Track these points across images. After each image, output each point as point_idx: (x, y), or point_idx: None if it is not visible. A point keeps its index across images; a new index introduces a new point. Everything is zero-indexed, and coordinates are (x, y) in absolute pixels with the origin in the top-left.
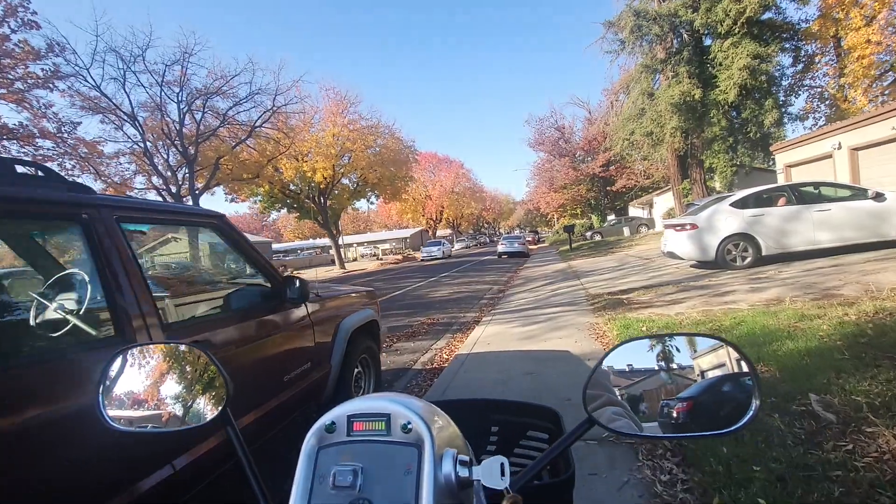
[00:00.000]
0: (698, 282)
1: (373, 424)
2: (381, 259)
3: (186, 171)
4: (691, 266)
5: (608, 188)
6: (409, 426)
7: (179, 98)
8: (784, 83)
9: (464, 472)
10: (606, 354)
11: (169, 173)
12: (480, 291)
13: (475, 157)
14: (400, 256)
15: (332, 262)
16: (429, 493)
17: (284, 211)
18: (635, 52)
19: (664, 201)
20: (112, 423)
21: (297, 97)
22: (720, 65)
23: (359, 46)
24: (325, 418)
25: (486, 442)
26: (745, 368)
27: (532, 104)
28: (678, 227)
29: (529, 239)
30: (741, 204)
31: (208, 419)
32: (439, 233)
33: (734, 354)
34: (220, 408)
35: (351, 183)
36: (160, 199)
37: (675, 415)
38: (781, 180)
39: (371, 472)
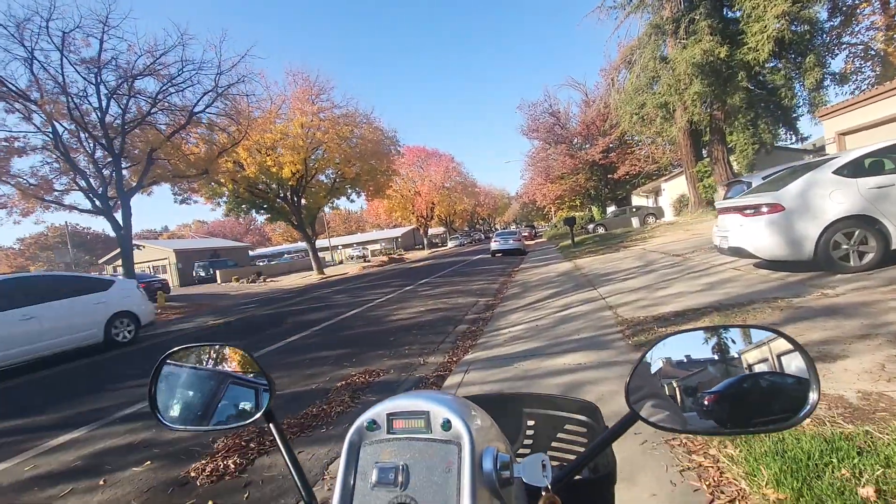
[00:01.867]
0: (804, 297)
1: (413, 422)
2: (369, 261)
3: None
4: (755, 265)
5: (609, 176)
6: (449, 424)
7: (98, 79)
8: (818, 41)
9: (504, 470)
10: (651, 347)
11: (94, 169)
12: (460, 309)
13: (468, 153)
14: (385, 258)
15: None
16: (469, 492)
17: (260, 213)
18: (643, 6)
19: (674, 187)
20: (165, 421)
21: (247, 76)
22: (748, 16)
23: (344, 35)
24: (366, 416)
25: (523, 436)
26: (802, 361)
27: (525, 94)
28: (748, 211)
29: (526, 234)
30: (853, 170)
31: (253, 417)
32: (431, 231)
33: (789, 346)
34: (263, 405)
35: (327, 179)
36: (88, 201)
37: (724, 409)
38: (832, 152)
39: (412, 469)
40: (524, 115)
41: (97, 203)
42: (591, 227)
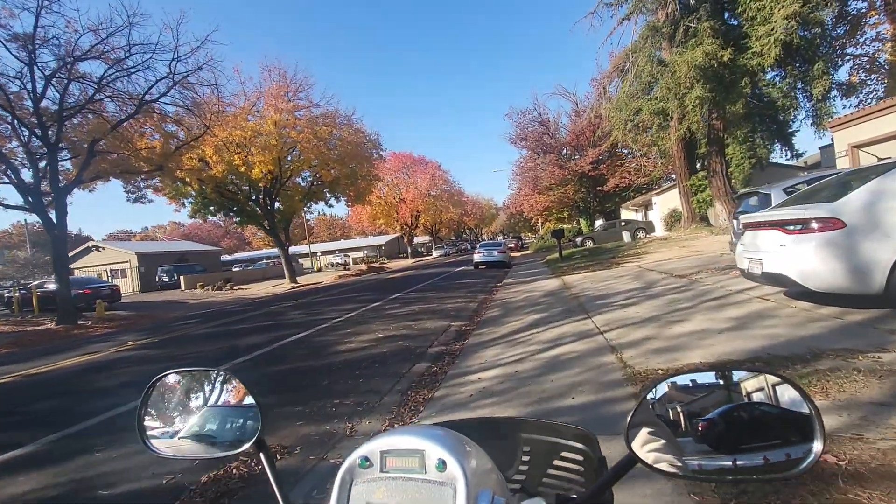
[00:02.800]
0: (893, 351)
1: (407, 462)
2: (349, 269)
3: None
4: (787, 294)
5: (598, 188)
6: (444, 465)
7: (33, 58)
8: (824, 49)
9: None
10: (651, 387)
11: (27, 161)
12: (427, 336)
13: (456, 162)
14: (364, 266)
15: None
16: None
17: (229, 216)
18: (640, 8)
19: (665, 201)
20: (152, 448)
21: (209, 64)
22: (752, 19)
23: (328, 39)
24: (358, 453)
25: (518, 462)
26: (807, 409)
27: (515, 102)
28: (793, 227)
29: (512, 245)
30: None
31: (243, 445)
32: (417, 239)
33: (796, 394)
34: (254, 434)
35: (304, 182)
36: (20, 196)
37: (727, 452)
38: (842, 166)
39: None
40: (512, 122)
41: (29, 198)
42: (579, 240)
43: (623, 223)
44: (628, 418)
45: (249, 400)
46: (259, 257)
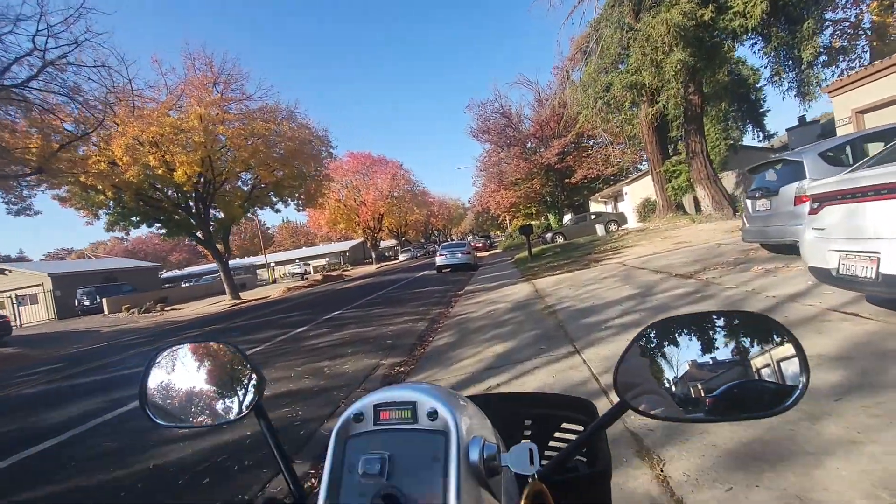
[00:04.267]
0: None
1: (399, 413)
2: (306, 279)
3: None
4: (870, 299)
5: (566, 181)
6: (435, 414)
7: None
8: (811, 9)
9: (491, 460)
10: (640, 335)
11: None
12: (336, 390)
13: (421, 163)
14: (319, 276)
15: (240, 288)
16: (455, 482)
17: (153, 227)
18: None
19: (637, 191)
20: (154, 418)
21: (89, 40)
22: None
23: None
24: (353, 408)
25: (520, 436)
26: (793, 348)
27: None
28: None
29: (480, 245)
30: None
31: (242, 413)
32: (384, 243)
33: (779, 332)
34: (253, 401)
35: (244, 185)
36: None
37: (714, 396)
38: (846, 132)
39: (398, 460)
40: (474, 115)
41: None
42: (549, 235)
43: (594, 216)
44: (617, 364)
45: (248, 369)
46: (212, 271)
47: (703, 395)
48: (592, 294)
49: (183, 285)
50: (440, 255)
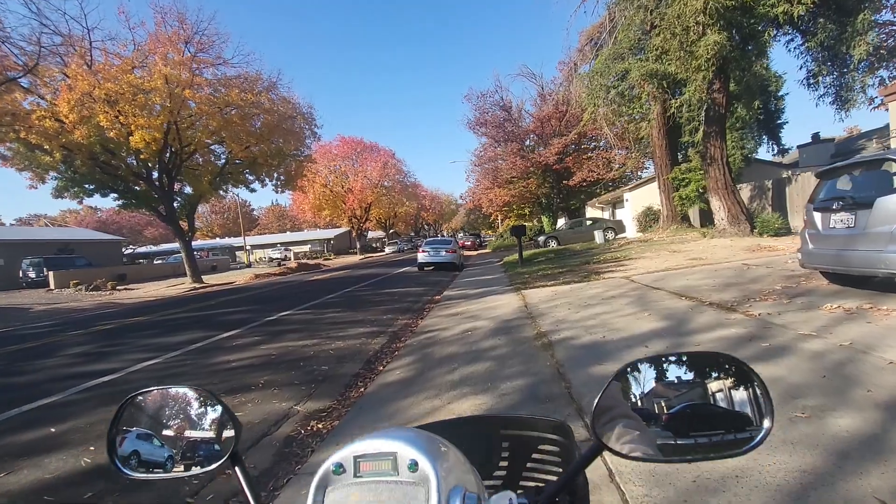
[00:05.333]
0: None
1: (380, 465)
2: (283, 264)
3: None
4: None
5: (563, 182)
6: (416, 465)
7: None
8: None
9: None
10: (616, 375)
11: None
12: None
13: (416, 157)
14: (295, 264)
15: (210, 270)
16: None
17: (107, 196)
18: None
19: (639, 198)
20: (123, 469)
21: None
22: None
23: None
24: (333, 459)
25: (498, 458)
26: (758, 389)
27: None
28: None
29: (469, 243)
30: None
31: (218, 462)
32: (372, 234)
33: (746, 373)
34: (229, 449)
35: (217, 159)
36: None
37: (684, 436)
38: None
39: None
40: (472, 106)
41: None
42: (541, 239)
43: (590, 221)
44: (594, 404)
45: (224, 415)
46: (173, 250)
47: (672, 434)
48: (600, 321)
49: (156, 262)
50: (423, 251)
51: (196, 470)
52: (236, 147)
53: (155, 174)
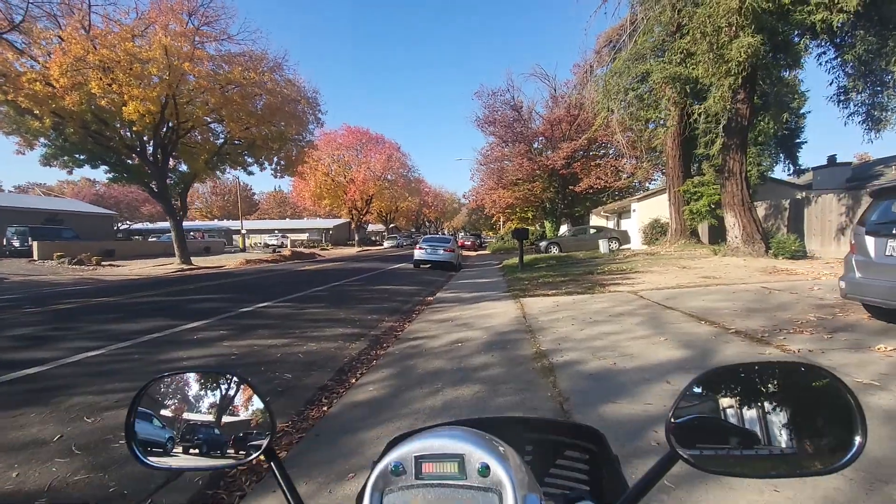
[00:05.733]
0: None
1: (445, 466)
2: (277, 251)
3: None
4: None
5: (569, 188)
6: (487, 469)
7: None
8: None
9: None
10: (693, 382)
11: None
12: None
13: (422, 153)
14: (288, 252)
15: (203, 252)
16: None
17: (97, 168)
18: None
19: (646, 209)
20: (143, 458)
21: None
22: None
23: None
24: (390, 459)
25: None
26: (851, 402)
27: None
28: None
29: (469, 243)
30: None
31: (251, 455)
32: (372, 227)
33: (834, 385)
34: (263, 442)
35: (216, 137)
36: None
37: (767, 448)
38: None
39: None
40: (482, 103)
41: None
42: (543, 244)
43: (594, 230)
44: (670, 413)
45: (258, 404)
46: (188, 229)
47: (759, 448)
48: (609, 342)
49: (150, 239)
50: (420, 248)
51: (225, 462)
52: (235, 127)
53: (150, 149)
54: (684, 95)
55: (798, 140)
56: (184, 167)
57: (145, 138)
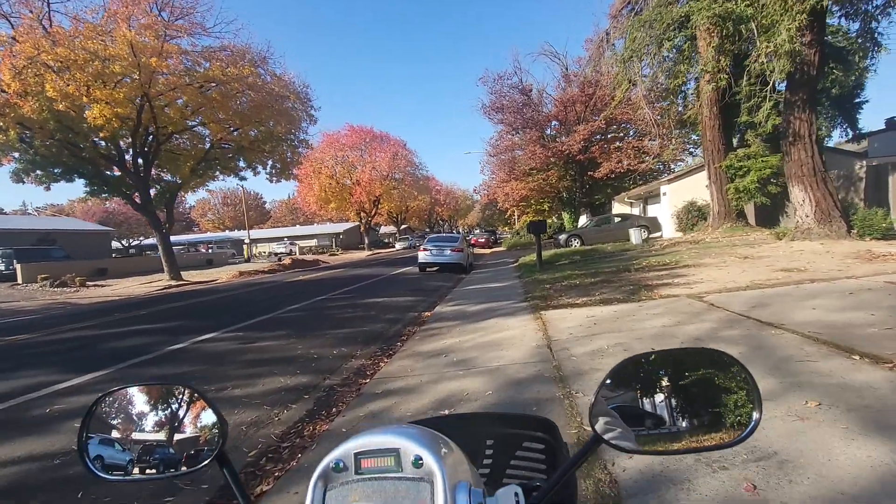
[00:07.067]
0: None
1: (382, 461)
2: (282, 261)
3: None
4: None
5: (589, 174)
6: (420, 460)
7: None
8: None
9: None
10: (611, 372)
11: None
12: None
13: (432, 152)
14: (289, 260)
15: (204, 263)
16: None
17: (74, 181)
18: None
19: (680, 191)
20: (95, 470)
21: None
22: None
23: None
24: (332, 457)
25: (482, 457)
26: (747, 381)
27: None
28: None
29: (483, 240)
30: None
31: (203, 462)
32: (384, 229)
33: (734, 367)
34: (214, 449)
35: (199, 142)
36: None
37: (676, 427)
38: None
39: None
40: (488, 89)
41: None
42: (562, 238)
43: (619, 218)
44: (591, 399)
45: (209, 412)
46: (195, 242)
47: (671, 427)
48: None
49: (157, 254)
50: (424, 249)
51: (179, 471)
52: (217, 128)
53: (129, 157)
54: (735, 40)
55: (858, 100)
56: (169, 176)
57: (123, 146)
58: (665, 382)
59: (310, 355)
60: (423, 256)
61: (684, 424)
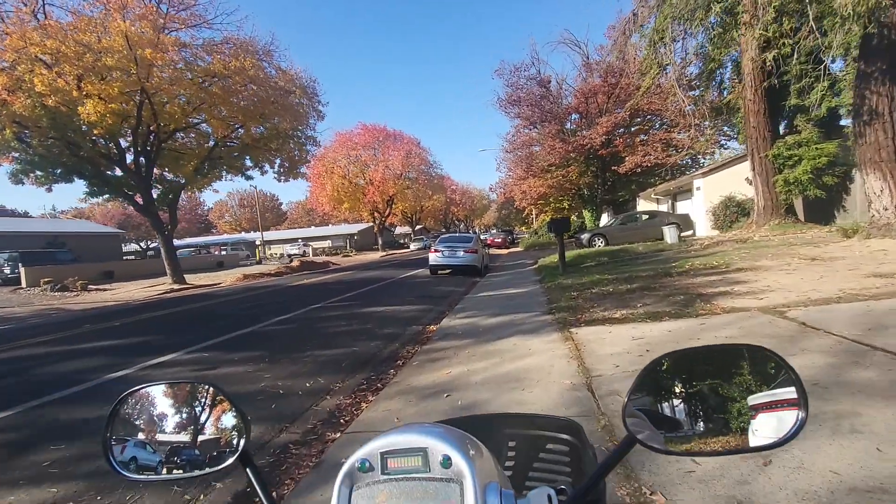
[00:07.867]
0: None
1: (409, 461)
2: (292, 263)
3: None
4: None
5: (613, 169)
6: (449, 461)
7: None
8: None
9: None
10: (645, 369)
11: None
12: None
13: (449, 151)
14: (297, 263)
15: (215, 266)
16: None
17: (72, 182)
18: None
19: (715, 185)
20: (121, 470)
21: None
22: None
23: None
24: (357, 456)
25: (504, 458)
26: (792, 380)
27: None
28: None
29: (500, 240)
30: None
31: (226, 461)
32: (399, 230)
33: (778, 365)
34: (237, 448)
35: (204, 140)
36: None
37: (718, 428)
38: None
39: None
40: (504, 81)
41: None
42: (584, 237)
43: (646, 216)
44: (625, 400)
45: (232, 412)
46: (207, 244)
47: (706, 426)
48: None
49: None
50: (435, 250)
51: (202, 471)
52: (219, 125)
53: (130, 157)
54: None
55: None
56: (172, 176)
57: (124, 145)
58: (699, 381)
59: (275, 389)
60: (434, 258)
61: (721, 424)
